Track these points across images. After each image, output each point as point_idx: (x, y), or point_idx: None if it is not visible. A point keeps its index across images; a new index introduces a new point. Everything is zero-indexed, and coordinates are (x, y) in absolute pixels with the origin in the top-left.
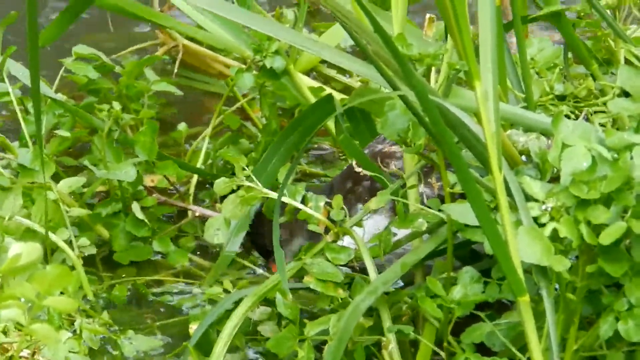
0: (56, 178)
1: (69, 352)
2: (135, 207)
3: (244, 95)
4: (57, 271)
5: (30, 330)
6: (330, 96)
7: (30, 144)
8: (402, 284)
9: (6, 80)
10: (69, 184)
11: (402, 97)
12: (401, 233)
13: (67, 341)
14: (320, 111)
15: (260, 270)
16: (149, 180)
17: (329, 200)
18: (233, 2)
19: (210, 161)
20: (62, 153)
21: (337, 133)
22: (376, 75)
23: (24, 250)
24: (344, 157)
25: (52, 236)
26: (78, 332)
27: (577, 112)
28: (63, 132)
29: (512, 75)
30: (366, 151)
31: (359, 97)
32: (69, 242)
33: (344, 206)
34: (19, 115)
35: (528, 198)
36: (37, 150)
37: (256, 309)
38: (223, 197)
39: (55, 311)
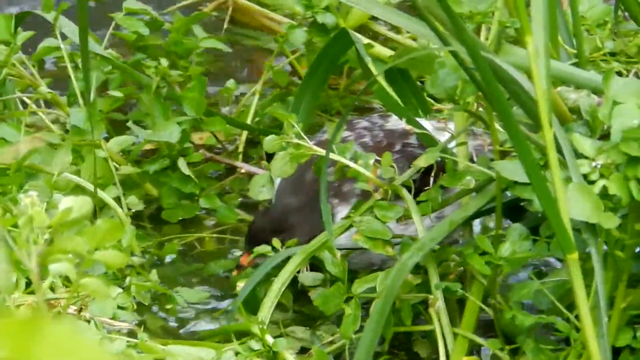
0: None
1: (118, 307)
2: (182, 163)
3: (292, 52)
4: (108, 225)
5: (80, 284)
6: (344, 30)
7: (80, 100)
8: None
9: (59, 36)
10: (119, 142)
11: (453, 53)
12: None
13: (117, 297)
14: (337, 46)
15: None
16: (197, 138)
17: (378, 158)
18: None
19: (257, 119)
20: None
21: (370, 86)
22: (426, 31)
23: (75, 205)
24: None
25: (101, 193)
26: (127, 287)
27: (627, 69)
28: (115, 92)
29: (563, 32)
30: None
31: (401, 57)
32: (118, 200)
33: (393, 164)
34: (70, 71)
35: (578, 155)
36: (89, 110)
37: (305, 271)
38: (267, 154)
39: (106, 266)
